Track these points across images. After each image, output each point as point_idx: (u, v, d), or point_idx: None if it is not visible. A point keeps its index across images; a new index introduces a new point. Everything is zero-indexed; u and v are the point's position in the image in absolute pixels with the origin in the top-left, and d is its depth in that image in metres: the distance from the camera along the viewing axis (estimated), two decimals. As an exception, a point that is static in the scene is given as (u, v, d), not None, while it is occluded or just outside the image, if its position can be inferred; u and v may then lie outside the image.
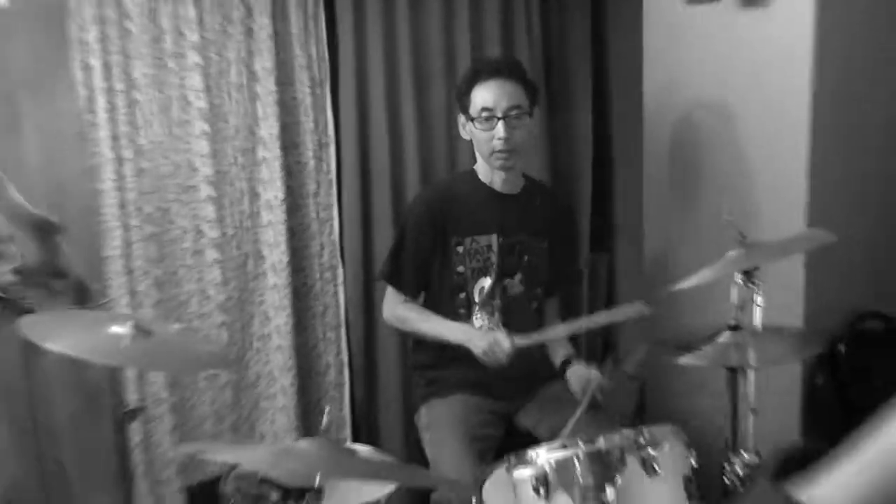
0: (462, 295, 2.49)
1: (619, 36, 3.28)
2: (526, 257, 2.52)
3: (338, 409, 3.10)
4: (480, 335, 2.36)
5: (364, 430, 3.13)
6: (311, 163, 3.00)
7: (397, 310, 2.57)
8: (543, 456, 1.78)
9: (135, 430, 2.75)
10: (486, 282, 2.48)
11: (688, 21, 2.67)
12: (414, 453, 2.55)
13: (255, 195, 2.92)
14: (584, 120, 3.36)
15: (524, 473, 1.79)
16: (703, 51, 2.64)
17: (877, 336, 2.45)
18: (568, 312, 2.78)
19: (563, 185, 3.34)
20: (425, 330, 2.51)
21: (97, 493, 2.75)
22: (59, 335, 1.70)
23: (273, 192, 2.92)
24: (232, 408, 2.92)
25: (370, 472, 1.78)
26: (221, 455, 1.90)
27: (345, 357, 3.10)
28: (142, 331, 1.72)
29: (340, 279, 3.09)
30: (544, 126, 3.26)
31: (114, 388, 2.73)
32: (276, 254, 2.94)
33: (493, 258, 2.47)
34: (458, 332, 2.42)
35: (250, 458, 1.67)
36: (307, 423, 3.01)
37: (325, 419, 1.82)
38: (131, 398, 2.74)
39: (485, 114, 2.37)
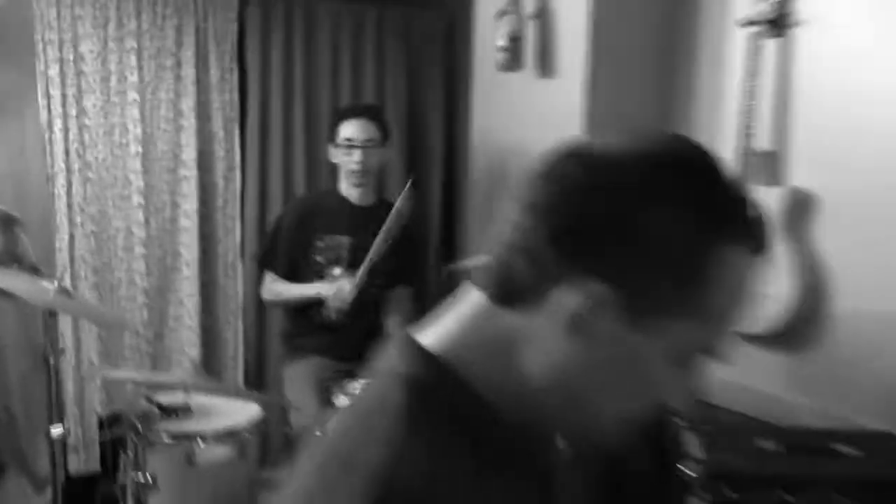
0: (319, 279, 3.23)
1: (462, 90, 4.12)
2: (370, 255, 3.18)
3: (232, 373, 3.88)
4: (329, 286, 3.13)
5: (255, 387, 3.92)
6: (221, 182, 3.81)
7: (273, 286, 3.30)
8: (358, 385, 2.51)
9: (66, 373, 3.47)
10: (338, 270, 3.23)
11: (500, 84, 3.53)
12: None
13: (175, 205, 3.71)
14: (437, 149, 4.21)
15: (343, 401, 2.51)
16: (511, 107, 3.53)
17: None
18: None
19: (418, 202, 4.19)
20: (294, 293, 3.23)
21: (38, 433, 3.45)
22: (8, 281, 2.50)
23: (190, 203, 3.72)
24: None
25: (230, 392, 2.59)
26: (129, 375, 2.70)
27: (241, 335, 3.89)
28: (63, 290, 2.53)
29: (240, 275, 3.89)
30: (405, 154, 4.09)
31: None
32: (189, 252, 3.73)
33: (344, 253, 3.23)
34: (316, 288, 3.16)
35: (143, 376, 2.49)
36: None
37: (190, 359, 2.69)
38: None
39: (346, 143, 3.19)
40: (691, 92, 3.20)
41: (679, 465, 2.54)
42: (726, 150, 2.87)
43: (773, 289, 2.78)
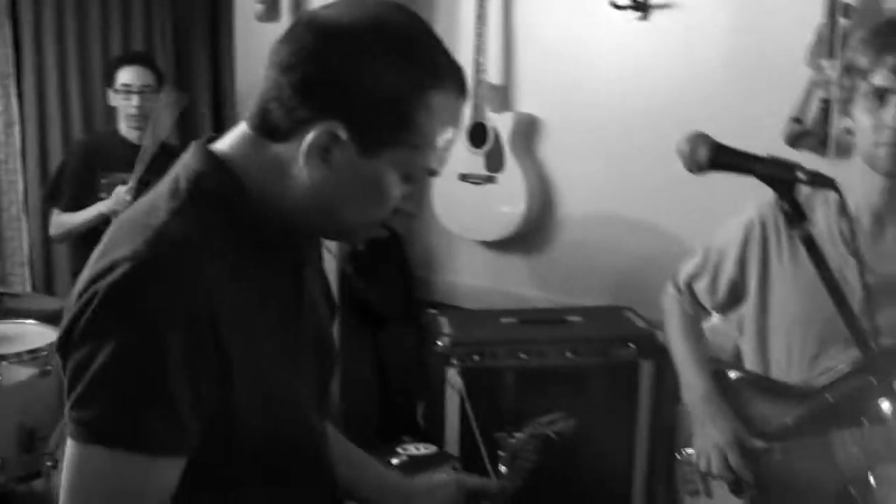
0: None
1: (226, 41, 4.31)
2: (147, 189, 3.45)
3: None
4: (107, 201, 3.25)
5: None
6: (1, 138, 3.90)
7: (58, 219, 3.45)
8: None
9: None
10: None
11: (260, 34, 3.67)
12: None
13: (-46, 161, 3.78)
14: (204, 98, 4.38)
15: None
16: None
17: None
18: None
19: (187, 142, 4.42)
20: (77, 220, 3.35)
21: None
22: None
23: (-31, 159, 3.79)
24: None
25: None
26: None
27: (28, 286, 4.01)
28: None
29: (25, 228, 4.00)
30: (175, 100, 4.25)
31: None
32: (-26, 207, 3.81)
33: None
34: (97, 207, 3.29)
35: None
36: None
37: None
38: None
39: (124, 89, 3.41)
40: None
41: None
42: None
43: (507, 200, 3.32)
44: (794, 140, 2.62)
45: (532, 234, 3.44)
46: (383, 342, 3.69)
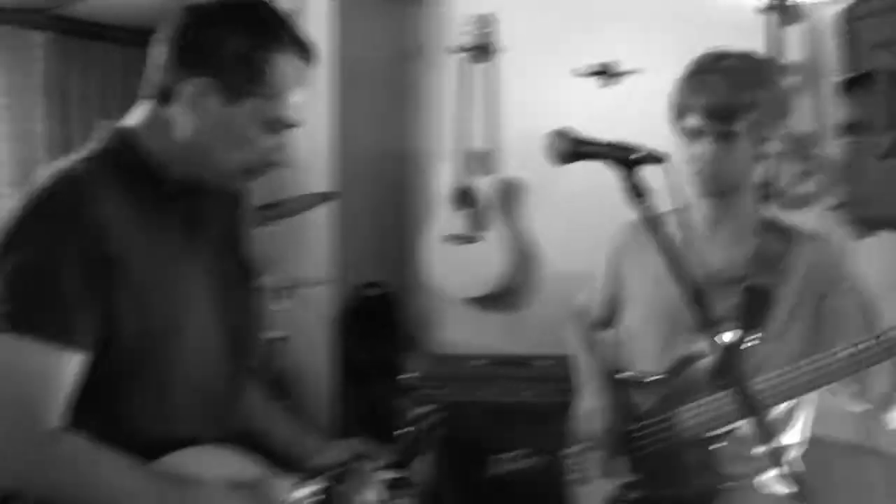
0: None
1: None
2: None
3: None
4: None
5: None
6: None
7: None
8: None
9: None
10: None
11: None
12: None
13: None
14: None
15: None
16: None
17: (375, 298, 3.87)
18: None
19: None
20: None
21: None
22: None
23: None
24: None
25: None
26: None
27: None
28: None
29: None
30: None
31: None
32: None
33: None
34: None
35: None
36: None
37: None
38: None
39: None
40: (419, 104, 3.98)
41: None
42: (445, 148, 3.61)
43: (489, 259, 3.47)
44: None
45: (515, 291, 3.57)
46: (375, 398, 3.80)
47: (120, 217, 1.27)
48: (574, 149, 1.47)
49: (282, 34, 1.33)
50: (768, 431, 1.21)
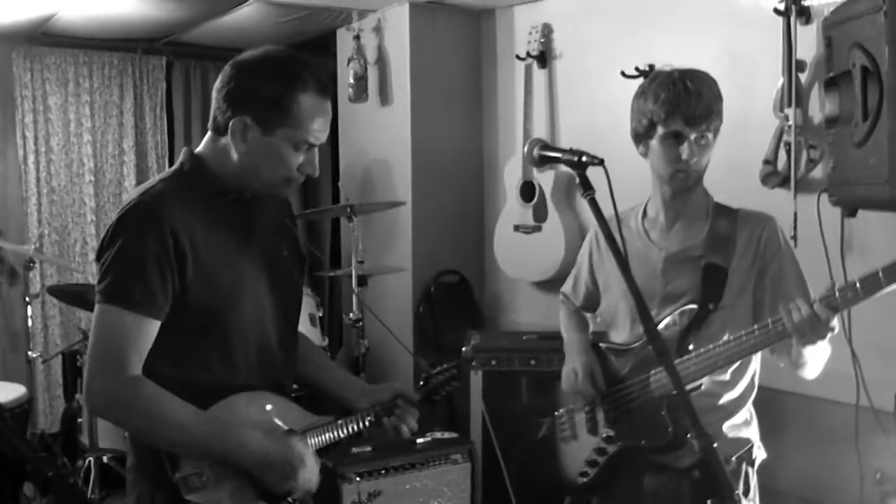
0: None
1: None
2: None
3: None
4: None
5: None
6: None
7: None
8: None
9: None
10: None
11: (355, 113, 4.50)
12: None
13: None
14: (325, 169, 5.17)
15: None
16: (363, 130, 4.54)
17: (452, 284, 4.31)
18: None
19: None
20: None
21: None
22: None
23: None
24: None
25: None
26: None
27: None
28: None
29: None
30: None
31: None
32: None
33: None
34: None
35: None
36: None
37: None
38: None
39: None
40: (491, 110, 4.36)
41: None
42: (517, 146, 3.98)
43: (550, 246, 3.82)
44: (765, 179, 2.95)
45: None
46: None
47: (190, 219, 1.69)
48: (543, 153, 1.83)
49: (306, 78, 1.69)
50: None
